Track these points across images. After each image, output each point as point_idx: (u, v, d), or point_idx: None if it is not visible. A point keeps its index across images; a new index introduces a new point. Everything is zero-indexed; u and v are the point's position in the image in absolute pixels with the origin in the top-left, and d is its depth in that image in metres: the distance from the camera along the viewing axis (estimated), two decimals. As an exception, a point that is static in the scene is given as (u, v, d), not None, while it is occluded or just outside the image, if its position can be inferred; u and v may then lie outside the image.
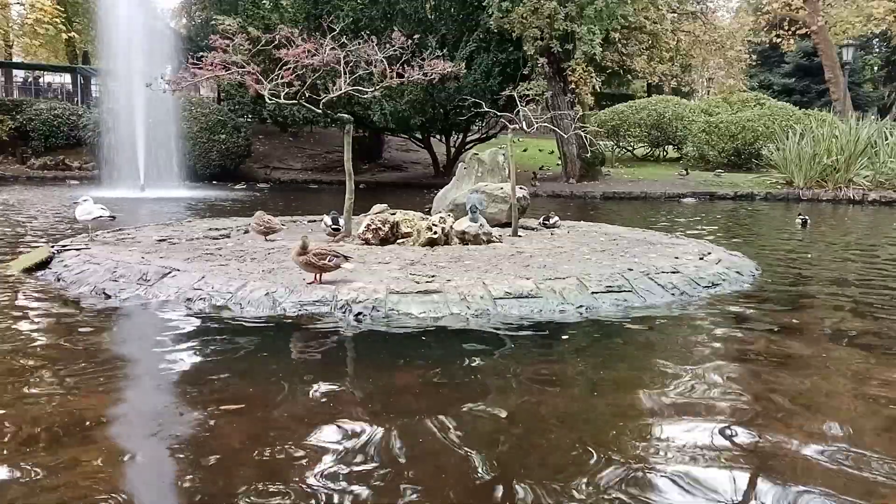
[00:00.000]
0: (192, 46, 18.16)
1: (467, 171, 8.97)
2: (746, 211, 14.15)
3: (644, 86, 35.26)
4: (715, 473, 2.40)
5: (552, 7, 16.43)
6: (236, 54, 6.79)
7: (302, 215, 9.26)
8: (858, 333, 4.31)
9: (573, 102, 18.18)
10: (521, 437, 2.70)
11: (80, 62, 31.57)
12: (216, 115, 20.50)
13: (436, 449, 2.57)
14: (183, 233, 7.23)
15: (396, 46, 7.16)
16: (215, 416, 2.86)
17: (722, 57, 24.12)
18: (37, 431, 2.66)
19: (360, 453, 2.52)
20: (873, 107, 32.44)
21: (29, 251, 6.34)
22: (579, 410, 3.02)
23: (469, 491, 2.28)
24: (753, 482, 2.35)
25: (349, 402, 3.04)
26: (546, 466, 2.45)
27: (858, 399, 3.17)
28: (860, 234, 10.17)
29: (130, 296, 4.80)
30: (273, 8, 20.11)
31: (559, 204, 14.61)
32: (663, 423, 2.84)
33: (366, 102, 15.57)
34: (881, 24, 26.29)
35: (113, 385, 3.25)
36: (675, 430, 2.77)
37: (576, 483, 2.32)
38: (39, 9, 26.05)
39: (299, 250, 4.58)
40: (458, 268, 5.27)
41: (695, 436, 2.71)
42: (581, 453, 2.56)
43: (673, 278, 5.17)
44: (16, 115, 22.15)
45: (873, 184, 16.36)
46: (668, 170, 22.02)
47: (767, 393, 3.21)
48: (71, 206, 9.61)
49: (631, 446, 2.61)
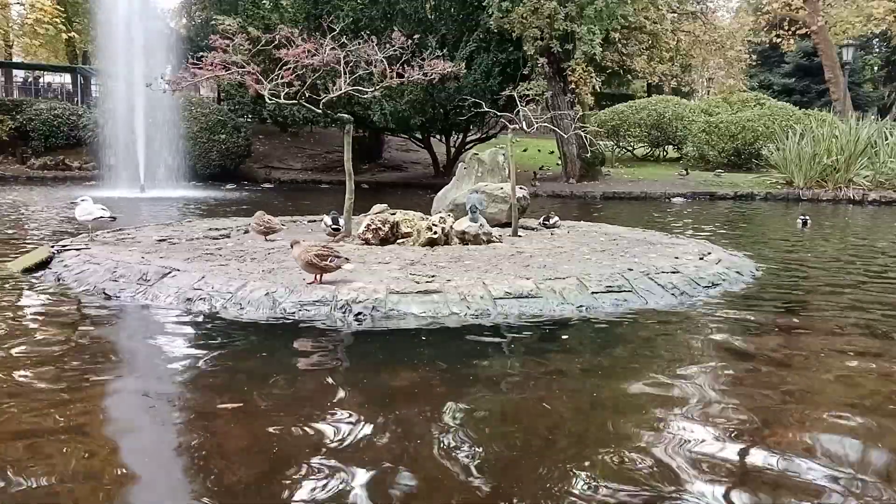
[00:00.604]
0: (192, 46, 18.15)
1: (467, 171, 8.97)
2: (746, 211, 14.15)
3: (644, 86, 35.26)
4: (714, 473, 2.40)
5: (552, 7, 16.42)
6: (236, 54, 6.78)
7: (302, 215, 9.25)
8: (858, 333, 4.30)
9: (573, 102, 18.18)
10: (521, 438, 2.70)
11: (80, 62, 31.54)
12: (216, 115, 20.48)
13: (435, 449, 2.57)
14: (183, 233, 7.23)
15: (396, 46, 7.16)
16: (215, 415, 2.86)
17: (722, 57, 24.10)
18: (36, 431, 2.66)
19: (360, 453, 2.52)
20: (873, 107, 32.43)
21: (29, 251, 6.34)
22: (579, 410, 3.02)
23: (469, 491, 2.28)
24: (753, 481, 2.35)
25: (349, 403, 3.04)
26: (546, 467, 2.45)
27: (858, 399, 3.17)
28: (861, 234, 10.17)
29: (130, 296, 4.80)
30: (273, 8, 20.09)
31: (561, 203, 14.61)
32: (663, 423, 2.84)
33: (366, 102, 15.56)
34: (881, 24, 26.28)
35: (112, 385, 3.25)
36: (675, 430, 2.77)
37: (575, 483, 2.32)
38: (39, 9, 26.03)
39: (298, 251, 4.58)
40: (458, 268, 5.27)
41: (694, 435, 2.71)
42: (581, 453, 2.56)
43: (673, 278, 5.17)
44: (16, 115, 22.14)
45: (873, 184, 16.35)
46: (668, 170, 22.02)
47: (767, 393, 3.21)
48: (71, 207, 9.60)
49: (631, 446, 2.61)
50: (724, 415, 2.92)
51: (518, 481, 2.33)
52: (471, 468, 2.43)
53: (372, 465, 2.43)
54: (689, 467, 2.44)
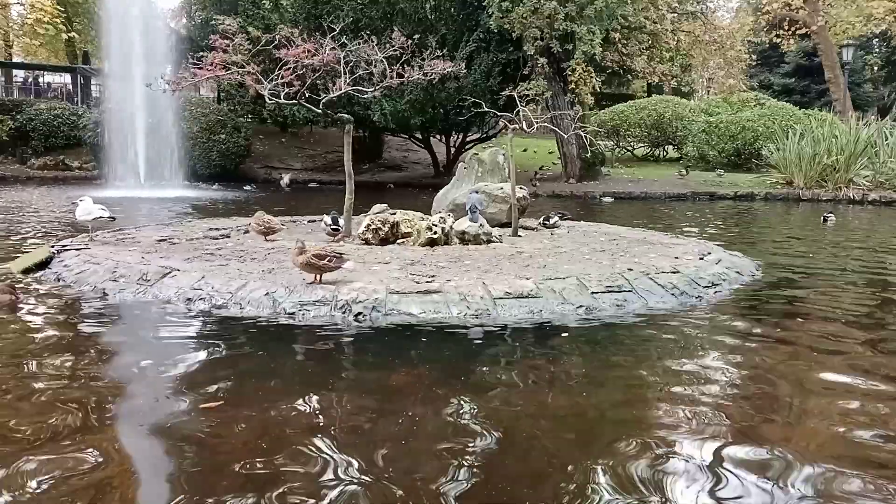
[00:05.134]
0: (192, 46, 18.15)
1: (467, 171, 8.97)
2: (746, 211, 14.15)
3: (644, 86, 35.23)
4: (714, 472, 2.40)
5: (552, 7, 16.41)
6: (236, 54, 6.78)
7: (302, 215, 9.25)
8: (858, 333, 4.30)
9: (573, 102, 18.16)
10: (521, 437, 2.70)
11: (80, 62, 31.54)
12: (216, 115, 20.48)
13: (435, 449, 2.57)
14: (183, 233, 7.23)
15: (396, 46, 7.16)
16: (215, 415, 2.86)
17: (722, 57, 24.10)
18: (36, 431, 2.66)
19: (359, 453, 2.52)
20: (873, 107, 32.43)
21: (29, 251, 6.34)
22: (579, 410, 3.02)
23: (469, 491, 2.28)
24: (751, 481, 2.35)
25: (348, 403, 3.04)
26: (545, 466, 2.45)
27: (857, 400, 3.17)
28: (861, 235, 10.17)
29: (130, 296, 4.80)
30: (273, 8, 20.09)
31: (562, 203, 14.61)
32: (663, 423, 2.84)
33: (366, 102, 15.56)
34: (881, 24, 26.26)
35: (112, 385, 3.26)
36: (675, 429, 2.77)
37: (575, 483, 2.32)
38: (39, 9, 26.03)
39: (298, 251, 4.58)
40: (458, 268, 5.27)
41: (694, 435, 2.71)
42: (581, 453, 2.56)
43: (673, 278, 5.17)
44: (16, 115, 22.14)
45: (873, 184, 16.34)
46: (668, 170, 22.00)
47: (766, 393, 3.21)
48: (71, 207, 9.60)
49: (631, 446, 2.61)
50: (724, 414, 2.92)
51: (518, 481, 2.33)
52: (471, 467, 2.42)
53: (372, 464, 2.43)
54: (690, 467, 2.44)
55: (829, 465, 2.46)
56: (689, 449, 2.59)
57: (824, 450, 2.61)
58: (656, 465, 2.44)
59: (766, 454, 2.55)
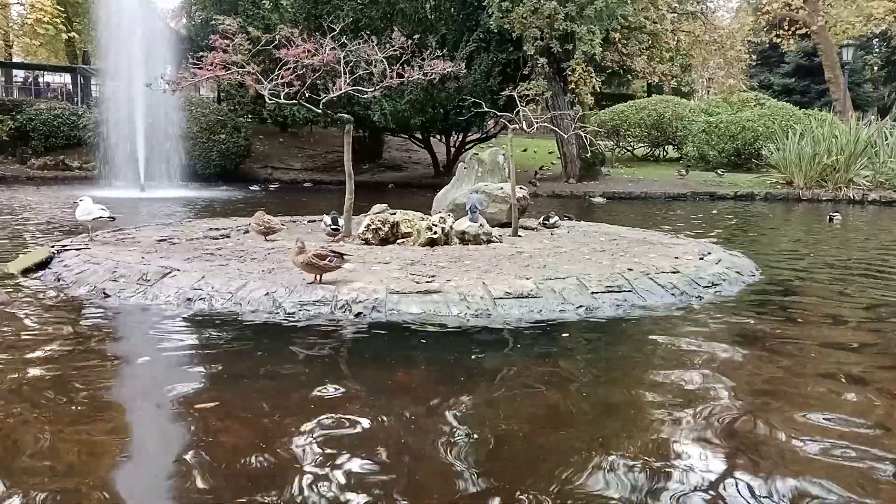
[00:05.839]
0: (192, 46, 18.15)
1: (467, 171, 8.97)
2: (746, 211, 14.15)
3: (644, 86, 35.23)
4: (714, 473, 2.40)
5: (552, 7, 16.41)
6: (236, 54, 6.78)
7: (302, 215, 9.26)
8: (858, 333, 4.30)
9: (573, 102, 18.16)
10: (521, 437, 2.70)
11: (80, 62, 31.53)
12: (216, 115, 20.47)
13: (434, 449, 2.57)
14: (183, 233, 7.23)
15: (396, 46, 7.16)
16: (214, 415, 2.86)
17: (722, 57, 24.10)
18: (35, 430, 2.66)
19: (359, 453, 2.52)
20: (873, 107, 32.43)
21: (29, 251, 6.34)
22: (579, 410, 3.02)
23: (469, 491, 2.28)
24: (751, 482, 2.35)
25: (348, 403, 3.04)
26: (545, 466, 2.45)
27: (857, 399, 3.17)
28: (862, 234, 10.16)
29: (130, 296, 4.80)
30: (273, 8, 20.08)
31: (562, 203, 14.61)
32: (663, 423, 2.84)
33: (366, 102, 15.56)
34: (881, 24, 26.27)
35: (111, 385, 3.26)
36: (675, 429, 2.77)
37: (575, 483, 2.32)
38: (39, 9, 26.02)
39: (298, 251, 4.58)
40: (458, 268, 5.27)
41: (694, 435, 2.71)
42: (581, 453, 2.56)
43: (673, 278, 5.17)
44: (16, 115, 22.12)
45: (873, 184, 16.34)
46: (668, 170, 21.99)
47: (765, 393, 3.21)
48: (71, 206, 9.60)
49: (631, 446, 2.61)
50: (724, 414, 2.92)
51: (518, 479, 2.33)
52: (471, 467, 2.43)
53: (372, 462, 2.43)
54: (689, 467, 2.44)
55: (827, 466, 2.46)
56: (688, 449, 2.59)
57: (820, 453, 2.61)
58: (655, 466, 2.44)
59: (763, 457, 2.55)
